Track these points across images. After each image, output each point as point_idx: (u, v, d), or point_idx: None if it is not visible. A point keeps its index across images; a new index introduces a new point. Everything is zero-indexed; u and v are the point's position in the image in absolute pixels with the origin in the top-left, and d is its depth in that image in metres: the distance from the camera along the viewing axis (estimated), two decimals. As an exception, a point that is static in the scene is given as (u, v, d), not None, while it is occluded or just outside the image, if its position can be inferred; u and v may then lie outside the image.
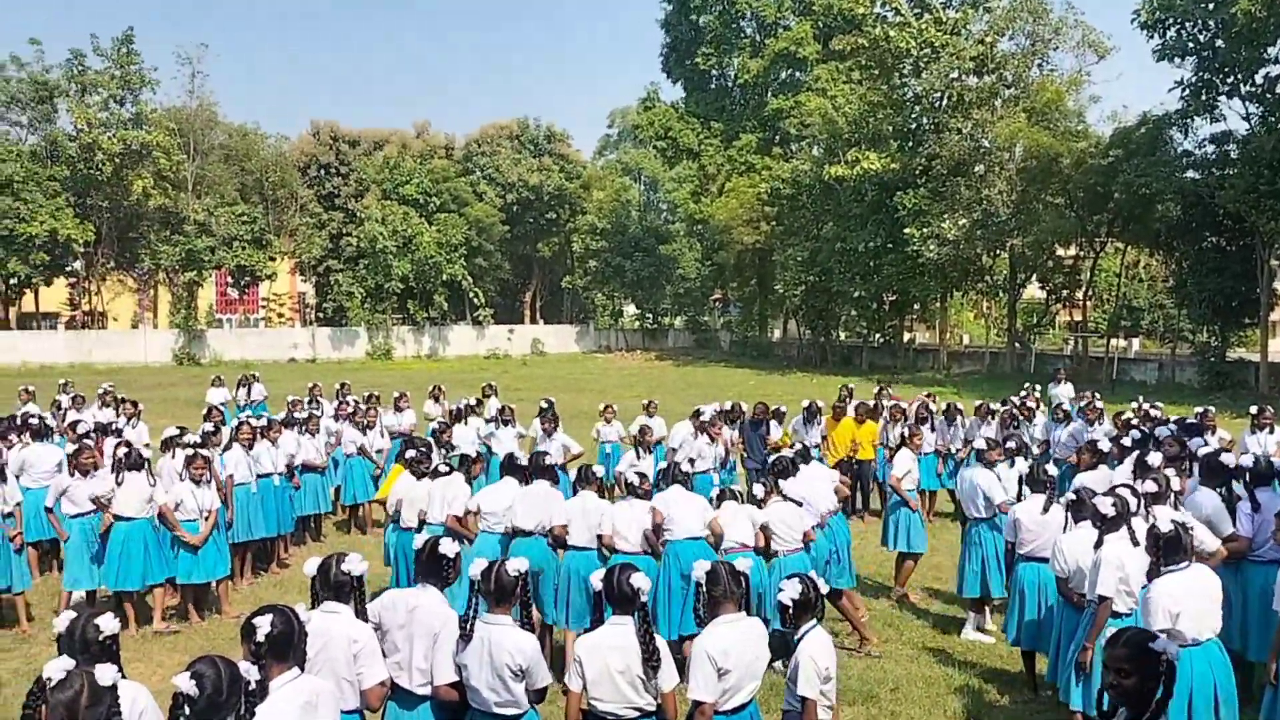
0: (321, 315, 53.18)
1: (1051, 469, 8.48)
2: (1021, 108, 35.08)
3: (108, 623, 4.03)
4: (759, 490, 8.31)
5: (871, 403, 14.48)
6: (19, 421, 11.96)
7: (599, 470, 8.50)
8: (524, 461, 8.56)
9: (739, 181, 47.61)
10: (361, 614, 4.72)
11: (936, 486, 13.69)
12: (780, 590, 4.90)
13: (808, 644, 4.77)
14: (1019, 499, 8.12)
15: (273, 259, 49.12)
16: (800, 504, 8.16)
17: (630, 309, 60.39)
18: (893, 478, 10.34)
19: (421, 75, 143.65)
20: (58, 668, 3.42)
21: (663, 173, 55.80)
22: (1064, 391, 17.78)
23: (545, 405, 13.84)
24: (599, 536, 7.79)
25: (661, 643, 4.62)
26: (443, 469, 8.82)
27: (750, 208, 45.47)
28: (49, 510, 9.14)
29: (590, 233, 53.64)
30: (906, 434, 11.11)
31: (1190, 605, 5.44)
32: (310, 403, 15.20)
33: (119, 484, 9.24)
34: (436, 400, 16.71)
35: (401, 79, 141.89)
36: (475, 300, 52.67)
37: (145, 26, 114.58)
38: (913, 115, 39.37)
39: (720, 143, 52.79)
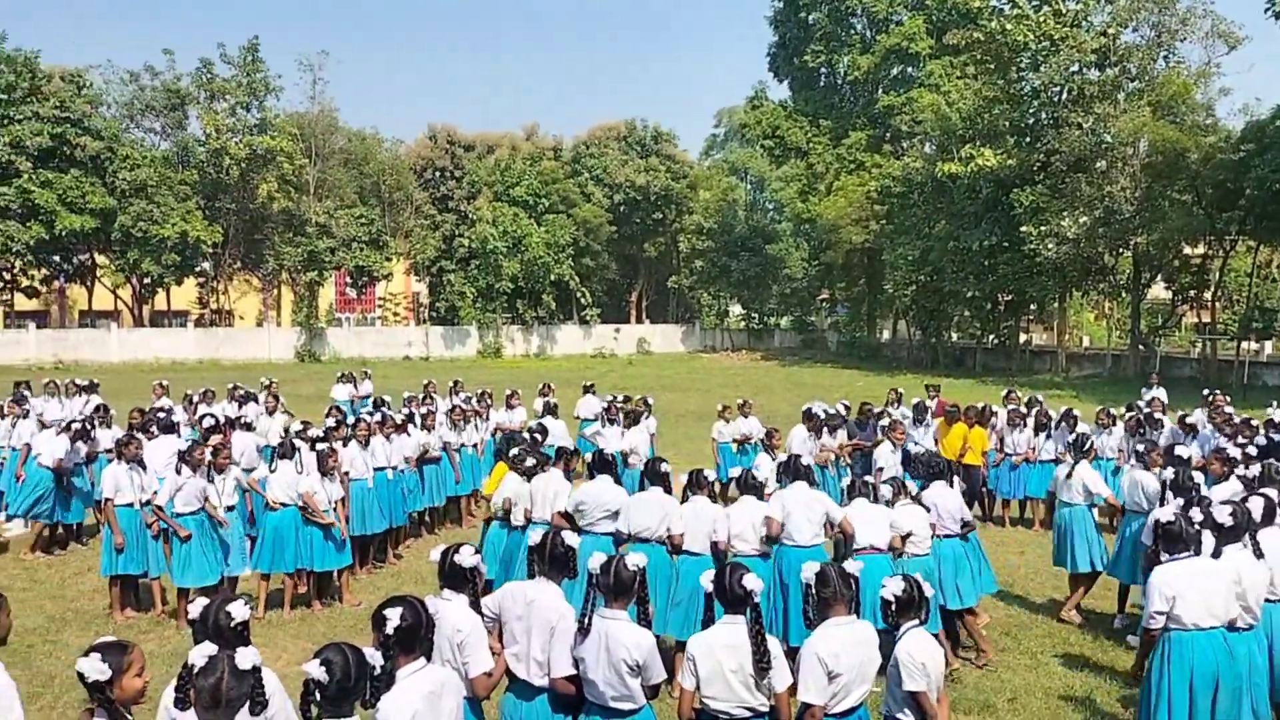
0: (435, 314, 54.48)
1: (1198, 476, 8.39)
2: (1146, 101, 33.73)
3: (239, 609, 4.21)
4: (886, 491, 8.26)
5: (981, 405, 14.13)
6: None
7: (709, 474, 8.48)
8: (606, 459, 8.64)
9: (848, 180, 47.00)
10: (476, 604, 4.83)
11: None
12: (883, 587, 4.88)
13: (905, 641, 4.75)
14: (1161, 504, 7.92)
15: (389, 260, 50.56)
16: (928, 509, 8.10)
17: (736, 309, 60.19)
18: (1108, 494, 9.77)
19: (532, 79, 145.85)
20: (201, 654, 3.58)
21: (769, 172, 55.52)
22: (1160, 398, 17.00)
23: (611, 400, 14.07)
24: (713, 543, 7.78)
25: (774, 643, 4.62)
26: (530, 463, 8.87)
27: (859, 206, 44.83)
28: (158, 508, 9.25)
29: (696, 232, 53.67)
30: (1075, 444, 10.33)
31: (1190, 594, 5.76)
32: (425, 399, 15.60)
33: (271, 471, 9.68)
34: (545, 397, 16.93)
35: (513, 83, 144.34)
36: (582, 300, 53.24)
37: (270, 35, 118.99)
38: (1030, 110, 38.21)
39: (829, 141, 52.18)
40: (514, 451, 9.24)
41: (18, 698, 4.21)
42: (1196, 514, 6.17)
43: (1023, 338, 46.03)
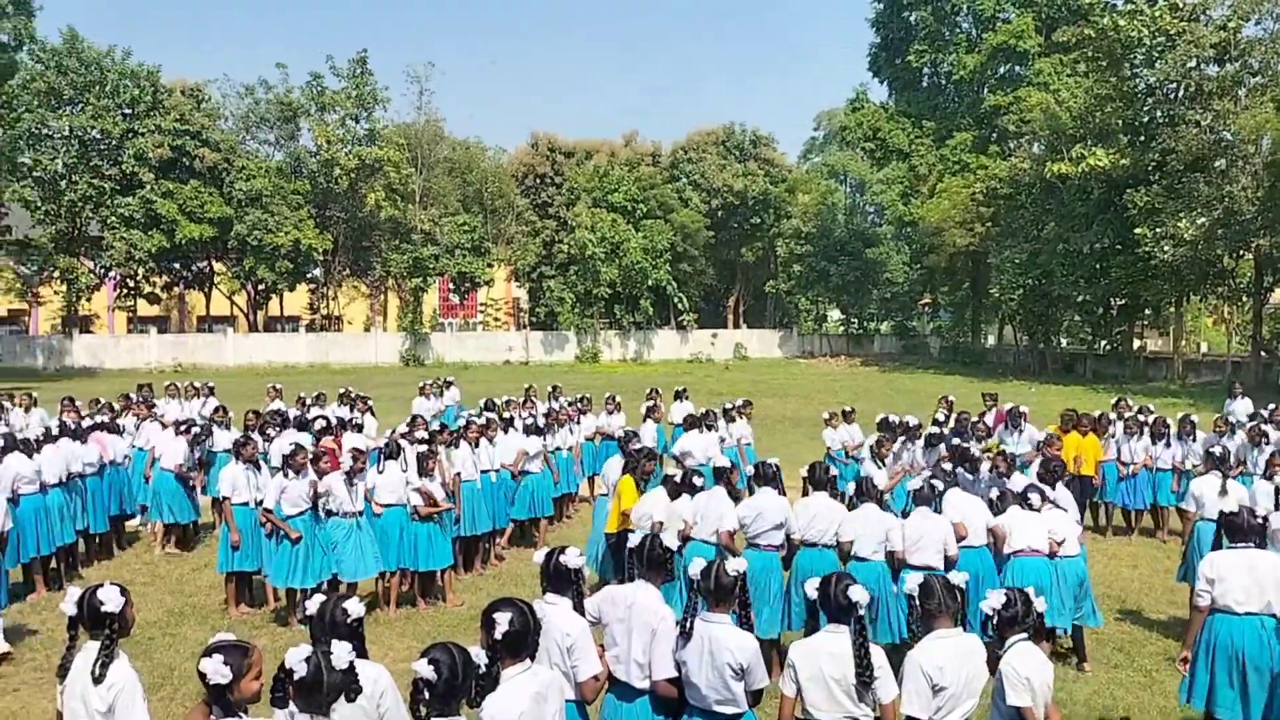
0: (534, 320, 55.20)
1: None
2: (1269, 97, 32.20)
3: (354, 606, 4.33)
4: (1035, 499, 8.29)
5: (1097, 414, 13.67)
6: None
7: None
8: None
9: (952, 181, 46.05)
10: (579, 607, 4.87)
11: (1170, 503, 12.80)
12: (985, 599, 4.77)
13: (1010, 655, 4.64)
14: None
15: (491, 266, 51.43)
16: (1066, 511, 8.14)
17: (835, 314, 59.50)
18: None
19: (632, 85, 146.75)
20: (297, 655, 3.70)
21: (870, 174, 54.72)
22: (1241, 407, 16.16)
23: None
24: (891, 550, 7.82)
25: (879, 654, 4.56)
26: (697, 482, 8.43)
27: (964, 208, 43.86)
28: (268, 511, 9.42)
29: (795, 237, 53.24)
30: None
31: (1236, 578, 6.02)
32: (525, 403, 15.81)
33: (379, 472, 9.87)
34: (652, 401, 16.85)
35: (613, 90, 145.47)
36: (679, 305, 53.30)
37: (377, 47, 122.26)
38: (1145, 108, 36.87)
39: (932, 142, 51.23)
40: (676, 475, 8.58)
41: (141, 688, 4.41)
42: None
43: (1136, 344, 44.43)
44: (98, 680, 4.25)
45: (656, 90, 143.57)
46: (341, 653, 3.72)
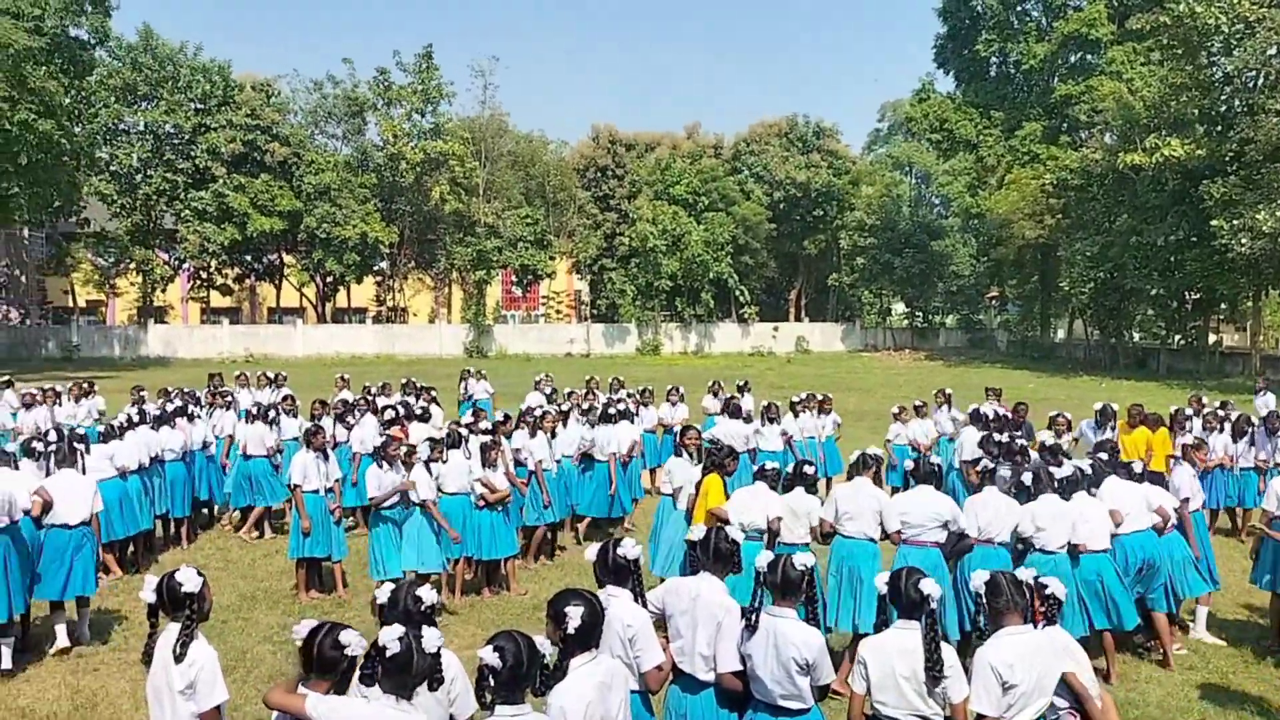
0: (595, 312, 55.42)
1: None
2: (1356, 84, 31.10)
3: (428, 594, 4.41)
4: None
5: (1173, 409, 13.33)
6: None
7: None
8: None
9: (1021, 173, 45.18)
10: (640, 597, 4.89)
11: (1253, 504, 12.43)
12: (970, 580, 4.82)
13: (989, 644, 4.64)
14: None
15: (553, 258, 51.77)
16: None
17: (899, 307, 58.81)
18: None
19: (694, 77, 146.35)
20: (391, 635, 3.78)
21: (936, 166, 53.93)
22: (1266, 403, 15.57)
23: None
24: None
25: (949, 651, 4.51)
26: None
27: (1033, 200, 43.02)
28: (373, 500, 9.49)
29: (858, 229, 52.72)
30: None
31: None
32: (586, 395, 15.89)
33: (443, 461, 9.94)
34: (715, 395, 16.87)
35: (675, 81, 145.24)
36: (740, 298, 53.09)
37: (442, 40, 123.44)
38: (1222, 97, 35.77)
39: (1000, 133, 50.30)
40: (805, 470, 8.27)
41: (219, 668, 4.54)
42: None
43: (1212, 338, 43.19)
44: (178, 659, 4.38)
45: (719, 82, 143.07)
46: (432, 638, 3.80)
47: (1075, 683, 4.84)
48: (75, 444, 9.24)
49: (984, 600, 4.67)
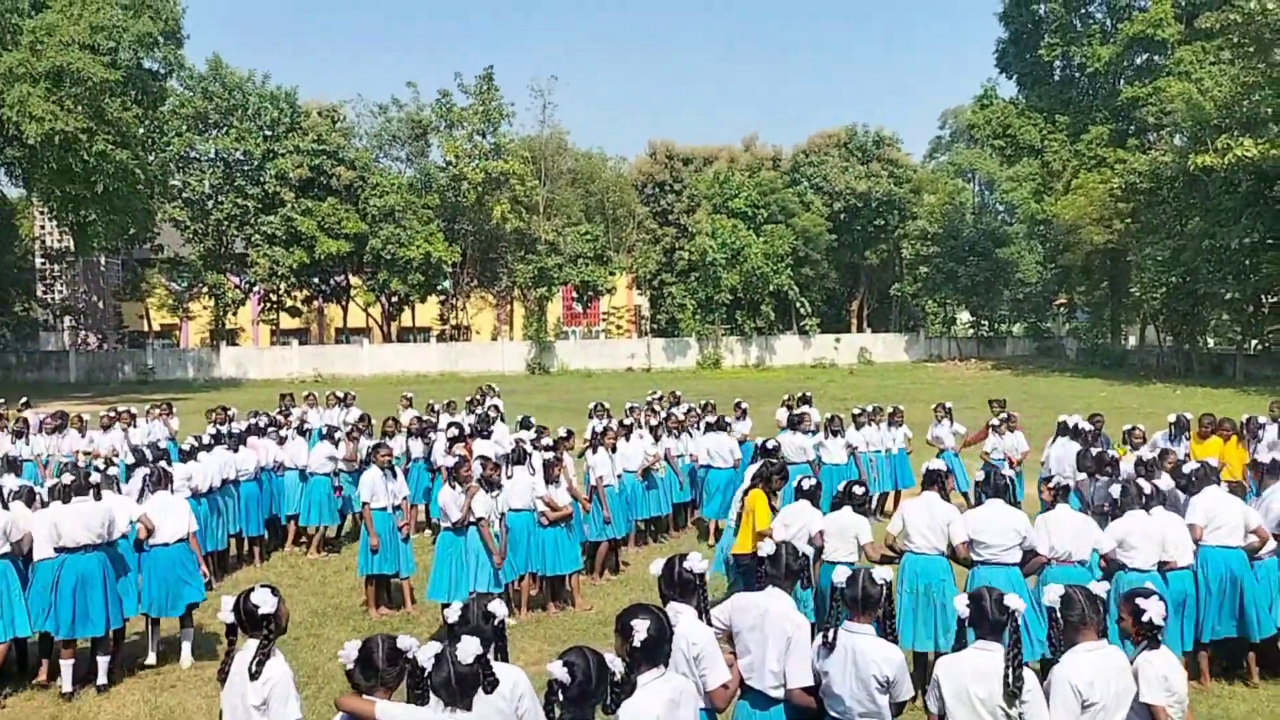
0: (655, 327, 55.47)
1: None
2: None
3: (498, 608, 4.46)
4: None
5: (1245, 417, 12.90)
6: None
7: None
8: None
9: (1088, 177, 44.31)
10: (704, 613, 4.86)
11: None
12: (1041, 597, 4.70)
13: (1064, 662, 4.50)
14: None
15: (612, 274, 51.94)
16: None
17: (964, 316, 57.94)
18: None
19: (752, 89, 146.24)
20: (428, 653, 3.86)
21: (999, 172, 53.18)
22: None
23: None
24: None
25: (1030, 675, 4.41)
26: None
27: (1101, 205, 42.15)
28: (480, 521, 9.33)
29: (920, 238, 52.12)
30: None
31: None
32: (647, 410, 15.87)
33: (509, 478, 9.99)
34: (789, 409, 16.56)
35: (733, 94, 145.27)
36: (801, 310, 52.75)
37: (503, 62, 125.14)
38: (1297, 94, 34.81)
39: (1065, 137, 49.42)
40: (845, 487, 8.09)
41: (294, 685, 4.64)
42: None
43: (1291, 343, 41.89)
44: (254, 676, 4.49)
45: (776, 93, 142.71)
46: (468, 648, 3.83)
47: (1161, 715, 4.55)
48: (167, 467, 9.62)
49: (1058, 616, 4.57)
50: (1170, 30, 44.18)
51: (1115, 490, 7.90)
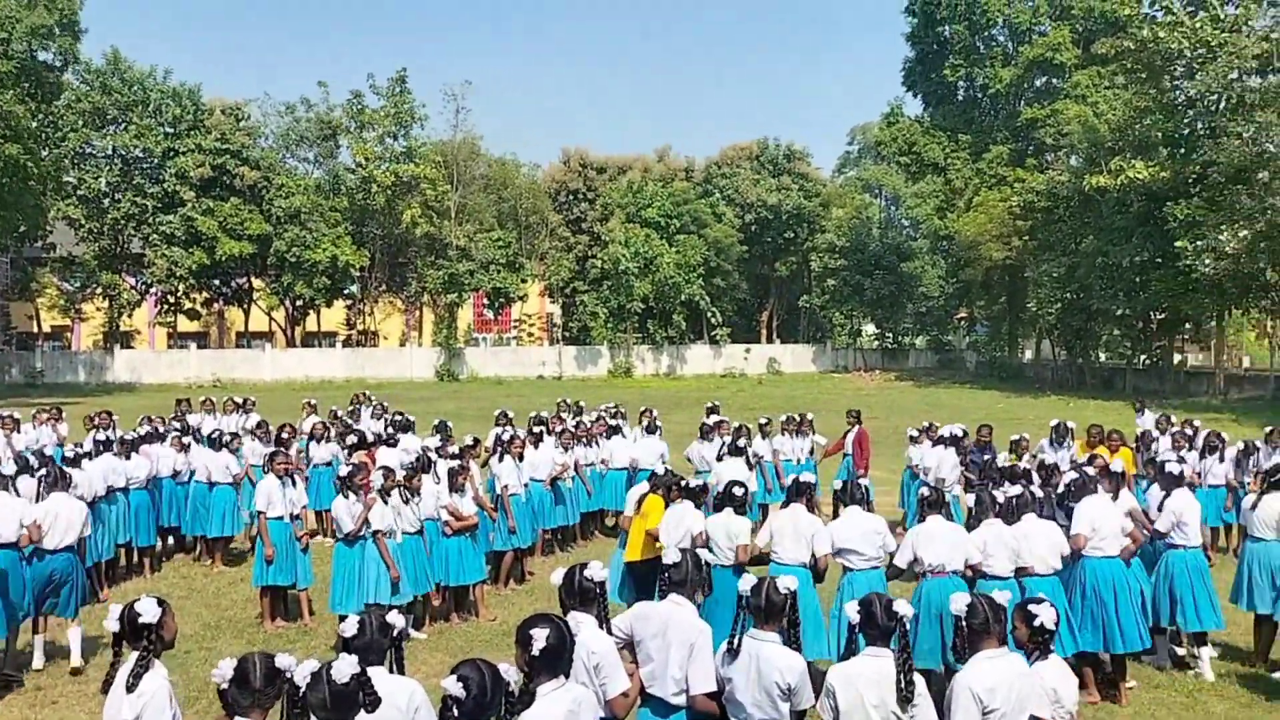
0: (568, 334, 55.39)
1: None
2: (1314, 108, 31.70)
3: (396, 619, 4.33)
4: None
5: (1140, 430, 13.41)
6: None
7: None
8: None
9: (988, 195, 45.73)
10: (605, 622, 4.83)
11: (1227, 521, 12.50)
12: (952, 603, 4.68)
13: (968, 669, 4.55)
14: None
15: (525, 281, 51.70)
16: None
17: (869, 328, 59.19)
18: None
19: (665, 101, 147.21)
20: (303, 672, 3.70)
21: (905, 188, 54.48)
22: (1145, 423, 15.55)
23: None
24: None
25: (920, 680, 4.46)
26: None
27: (1000, 222, 43.53)
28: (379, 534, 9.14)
29: (829, 251, 53.09)
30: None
31: None
32: (555, 418, 15.78)
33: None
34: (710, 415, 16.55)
35: (645, 106, 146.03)
36: (712, 320, 53.25)
37: (416, 66, 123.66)
38: (1185, 120, 36.44)
39: (968, 155, 50.95)
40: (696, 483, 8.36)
41: (171, 701, 4.45)
42: None
43: (1177, 358, 43.77)
44: (130, 689, 4.32)
45: (689, 106, 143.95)
46: (344, 666, 3.71)
47: None
48: (66, 468, 9.34)
49: (963, 624, 4.63)
50: (1068, 55, 45.89)
51: (970, 499, 8.08)
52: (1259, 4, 34.60)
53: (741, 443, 12.68)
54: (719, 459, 12.17)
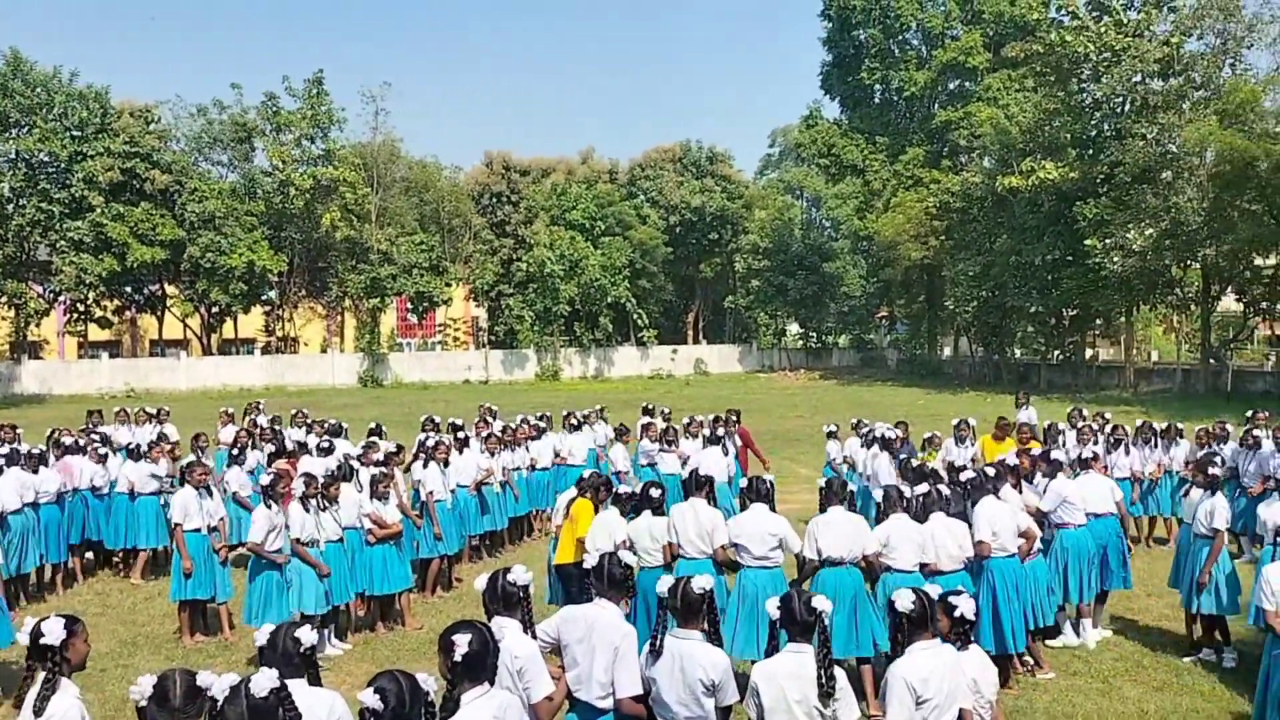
0: (494, 338, 54.98)
1: None
2: (1212, 110, 32.98)
3: (307, 635, 4.26)
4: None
5: (1046, 423, 13.75)
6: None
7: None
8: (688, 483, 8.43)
9: (905, 196, 46.64)
10: (529, 627, 4.82)
11: (1133, 514, 12.91)
12: (892, 599, 4.76)
13: (902, 660, 4.63)
14: None
15: (449, 285, 51.19)
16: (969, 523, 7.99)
17: (793, 328, 59.89)
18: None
19: (587, 103, 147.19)
20: (222, 686, 3.64)
21: (825, 190, 55.24)
22: (1028, 417, 16.06)
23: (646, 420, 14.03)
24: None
25: (840, 673, 4.53)
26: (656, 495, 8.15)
27: (918, 222, 44.42)
28: (256, 545, 8.88)
29: (752, 252, 53.59)
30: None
31: None
32: (480, 423, 15.67)
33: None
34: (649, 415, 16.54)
35: (568, 108, 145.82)
36: (639, 321, 53.36)
37: (332, 67, 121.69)
38: (1092, 122, 37.65)
39: (885, 157, 51.90)
40: (655, 492, 8.24)
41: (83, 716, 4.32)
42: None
43: (1089, 353, 45.13)
44: (37, 713, 4.18)
45: (612, 109, 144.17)
46: (263, 680, 3.64)
47: (968, 718, 4.75)
48: None
49: (903, 617, 4.69)
50: (980, 58, 47.03)
51: (879, 494, 8.27)
52: (1159, 10, 35.92)
53: (720, 432, 13.03)
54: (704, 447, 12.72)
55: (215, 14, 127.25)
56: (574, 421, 15.22)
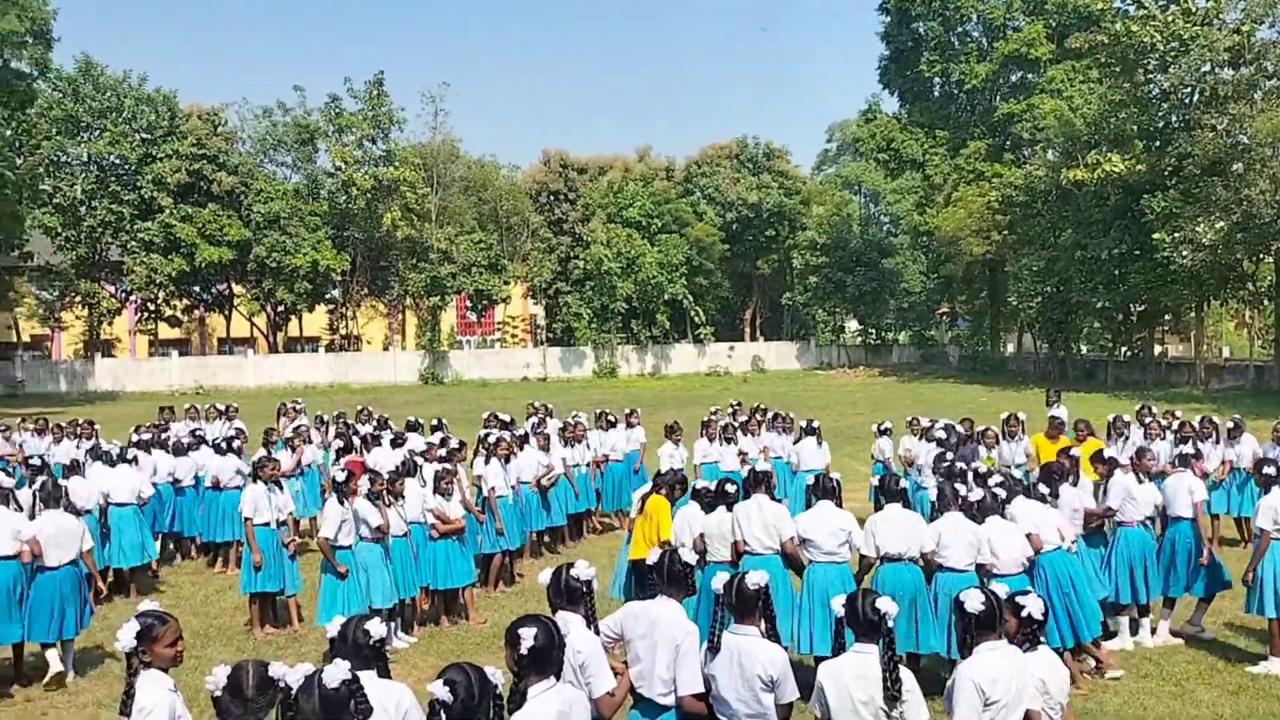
0: (551, 336, 55.32)
1: None
2: (1286, 99, 32.06)
3: (376, 627, 4.34)
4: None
5: (1110, 417, 13.41)
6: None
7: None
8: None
9: (967, 190, 45.93)
10: (592, 622, 4.85)
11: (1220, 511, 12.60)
12: (961, 599, 4.69)
13: (970, 662, 4.57)
14: None
15: (507, 283, 51.62)
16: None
17: (852, 324, 59.41)
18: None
19: (643, 101, 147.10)
20: (296, 676, 3.70)
21: (884, 185, 54.72)
22: (1060, 414, 15.53)
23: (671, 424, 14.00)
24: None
25: (908, 675, 4.50)
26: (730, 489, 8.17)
27: (979, 217, 43.74)
28: (325, 540, 9.07)
29: (810, 248, 53.23)
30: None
31: None
32: (541, 421, 15.74)
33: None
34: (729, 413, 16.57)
35: (624, 106, 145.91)
36: (696, 319, 53.29)
37: (394, 67, 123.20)
38: (1159, 113, 36.74)
39: (946, 151, 51.12)
40: (702, 485, 8.41)
41: (173, 714, 4.43)
42: None
43: (1158, 349, 44.11)
44: (123, 711, 4.33)
45: (669, 106, 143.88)
46: (335, 671, 3.70)
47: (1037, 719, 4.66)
48: (60, 482, 9.26)
49: (971, 619, 4.63)
50: (1043, 49, 46.13)
51: (933, 492, 8.20)
52: (1229, -3, 34.93)
53: (816, 423, 13.56)
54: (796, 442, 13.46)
55: (278, 17, 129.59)
56: (610, 419, 15.20)
